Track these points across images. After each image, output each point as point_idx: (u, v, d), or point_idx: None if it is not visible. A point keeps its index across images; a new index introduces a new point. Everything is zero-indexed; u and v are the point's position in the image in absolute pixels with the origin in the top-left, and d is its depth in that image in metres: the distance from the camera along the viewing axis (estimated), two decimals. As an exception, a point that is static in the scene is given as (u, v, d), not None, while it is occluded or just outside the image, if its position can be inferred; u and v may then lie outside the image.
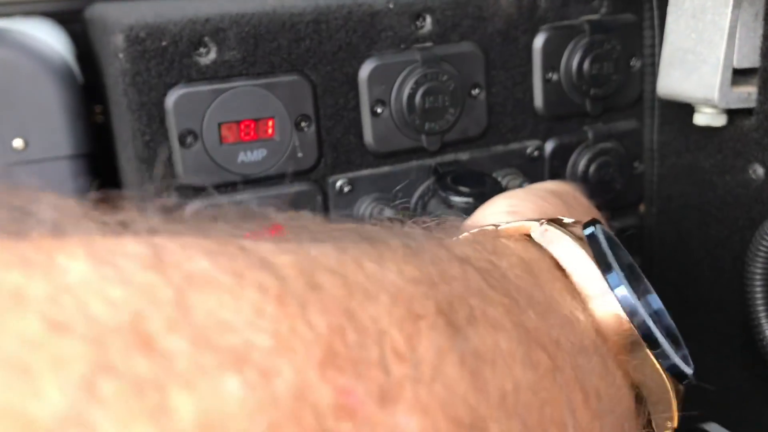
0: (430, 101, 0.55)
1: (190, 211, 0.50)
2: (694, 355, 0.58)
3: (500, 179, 0.58)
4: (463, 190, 0.53)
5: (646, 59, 0.63)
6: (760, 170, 0.54)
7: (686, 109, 0.57)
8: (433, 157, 0.57)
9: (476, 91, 0.57)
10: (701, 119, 0.55)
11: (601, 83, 0.61)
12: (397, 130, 0.55)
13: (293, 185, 0.53)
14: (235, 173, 0.50)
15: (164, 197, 0.51)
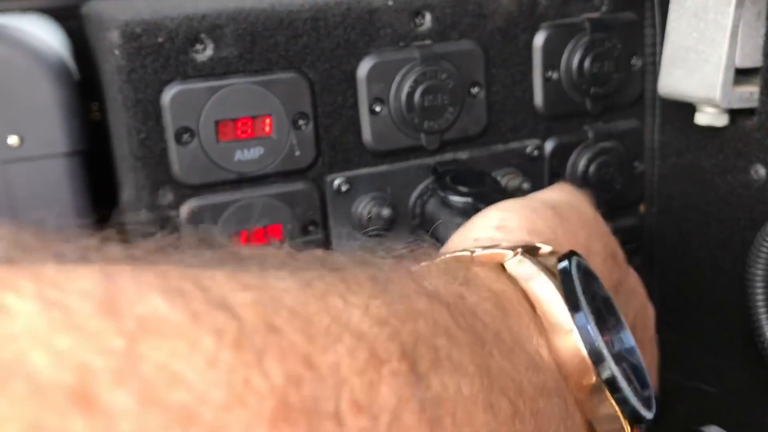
0: (429, 100, 0.54)
1: (184, 212, 0.49)
2: (694, 356, 0.58)
3: (500, 179, 0.58)
4: (462, 189, 0.52)
5: (647, 58, 0.63)
6: (761, 171, 0.53)
7: (687, 108, 0.56)
8: (432, 156, 0.57)
9: (476, 89, 0.57)
10: (703, 119, 0.55)
11: (601, 82, 0.61)
12: (395, 128, 0.54)
13: (290, 184, 0.52)
14: (231, 171, 0.50)
15: (158, 199, 0.50)
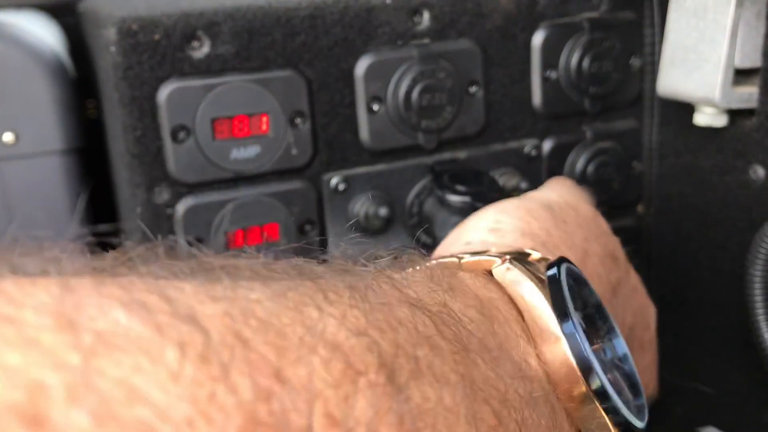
0: (427, 99, 0.54)
1: (180, 210, 0.49)
2: (692, 357, 0.58)
3: (497, 178, 0.58)
4: (460, 189, 0.52)
5: (645, 58, 0.62)
6: (760, 171, 0.53)
7: (686, 108, 0.56)
8: (430, 155, 0.56)
9: (474, 88, 0.56)
10: (702, 119, 0.54)
11: (600, 82, 0.60)
12: (393, 127, 0.54)
13: (287, 183, 0.52)
14: (228, 170, 0.50)
15: (154, 197, 0.49)
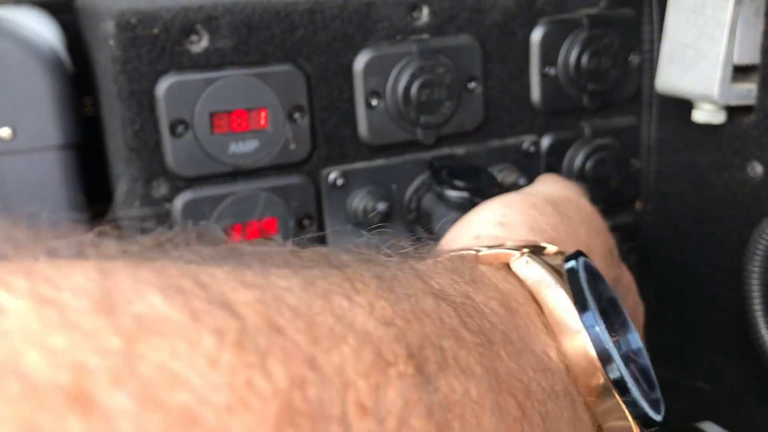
0: (426, 94, 0.54)
1: (179, 204, 0.49)
2: (689, 354, 0.58)
3: (495, 174, 0.58)
4: (458, 184, 0.52)
5: (644, 55, 0.62)
6: (758, 168, 0.53)
7: (685, 105, 0.56)
8: (428, 150, 0.56)
9: (473, 84, 0.56)
10: (700, 116, 0.55)
11: (599, 78, 0.60)
12: (392, 122, 0.54)
13: (285, 177, 0.52)
14: (226, 164, 0.50)
15: (152, 191, 0.49)
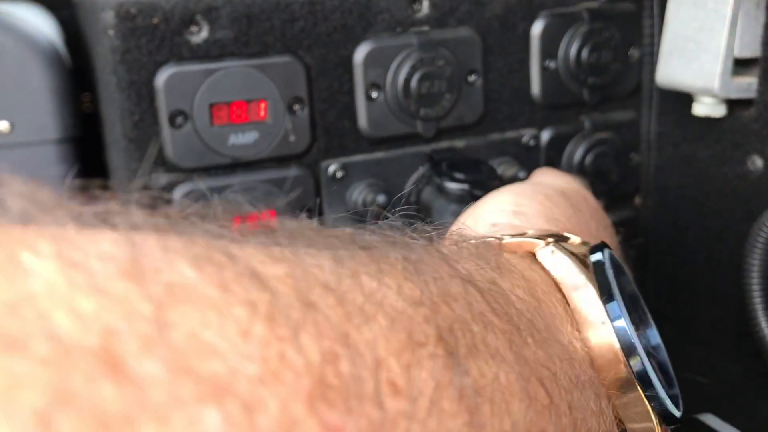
0: (426, 86, 0.54)
1: (178, 196, 0.49)
2: (688, 348, 0.57)
3: (495, 167, 0.58)
4: (458, 176, 0.52)
5: (644, 49, 0.62)
6: (758, 162, 0.53)
7: (684, 99, 0.56)
8: (428, 143, 0.56)
9: (473, 77, 0.56)
10: (700, 109, 0.54)
11: (599, 72, 0.60)
12: (392, 115, 0.54)
13: (285, 170, 0.52)
14: (225, 156, 0.49)
15: (151, 182, 0.49)
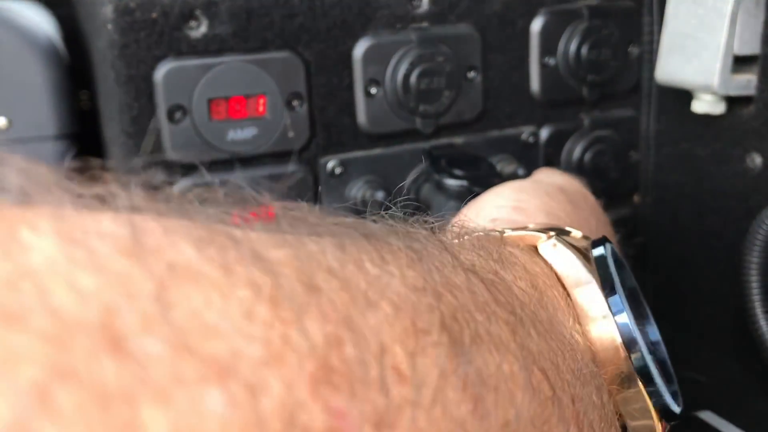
0: (425, 83, 0.54)
1: (177, 189, 0.49)
2: (687, 346, 0.57)
3: (494, 165, 0.57)
4: (457, 173, 0.52)
5: (644, 46, 0.62)
6: (758, 159, 0.53)
7: (684, 97, 0.56)
8: (427, 140, 0.56)
9: (472, 73, 0.56)
10: (700, 107, 0.54)
11: (598, 69, 0.60)
12: (391, 111, 0.54)
13: (283, 165, 0.52)
14: (224, 151, 0.49)
15: (150, 173, 0.49)
